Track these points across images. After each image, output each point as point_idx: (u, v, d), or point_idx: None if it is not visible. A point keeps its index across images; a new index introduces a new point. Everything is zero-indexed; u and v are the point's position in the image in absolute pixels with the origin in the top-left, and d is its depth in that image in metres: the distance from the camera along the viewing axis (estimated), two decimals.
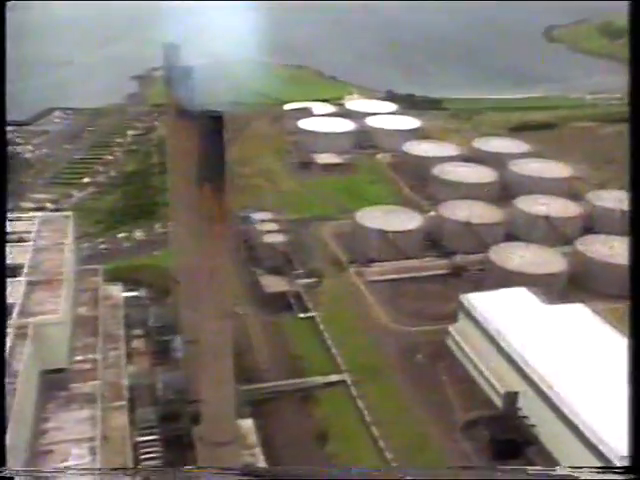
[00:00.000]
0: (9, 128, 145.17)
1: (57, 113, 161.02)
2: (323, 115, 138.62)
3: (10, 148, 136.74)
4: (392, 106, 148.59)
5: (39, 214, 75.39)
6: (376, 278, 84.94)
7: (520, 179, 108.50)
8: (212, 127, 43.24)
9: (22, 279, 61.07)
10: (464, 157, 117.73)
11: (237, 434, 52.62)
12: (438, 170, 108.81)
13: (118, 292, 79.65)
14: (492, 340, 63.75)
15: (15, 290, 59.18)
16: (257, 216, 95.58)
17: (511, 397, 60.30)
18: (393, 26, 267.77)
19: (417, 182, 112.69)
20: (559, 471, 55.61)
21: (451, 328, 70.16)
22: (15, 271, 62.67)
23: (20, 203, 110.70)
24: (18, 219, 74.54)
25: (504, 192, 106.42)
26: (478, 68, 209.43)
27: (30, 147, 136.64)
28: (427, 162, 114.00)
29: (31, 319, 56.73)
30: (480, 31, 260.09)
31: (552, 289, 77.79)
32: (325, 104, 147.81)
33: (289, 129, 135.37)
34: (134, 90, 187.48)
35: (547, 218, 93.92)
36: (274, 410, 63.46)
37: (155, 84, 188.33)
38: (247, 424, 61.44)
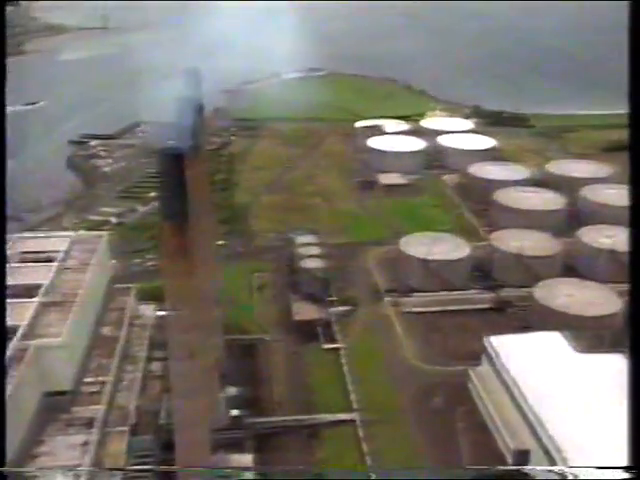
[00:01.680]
0: (95, 142, 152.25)
1: (142, 127, 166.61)
2: (395, 133, 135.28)
3: (91, 161, 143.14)
4: (469, 124, 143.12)
5: (71, 233, 77.54)
6: (412, 310, 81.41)
7: (591, 207, 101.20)
8: (171, 165, 42.12)
9: (35, 300, 63.00)
10: (533, 181, 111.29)
11: None
12: (499, 195, 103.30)
13: (149, 312, 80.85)
14: (508, 389, 59.09)
15: (25, 311, 61.16)
16: (303, 238, 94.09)
17: (521, 455, 55.50)
18: (495, 32, 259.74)
19: (481, 207, 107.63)
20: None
21: (471, 371, 65.72)
22: (32, 291, 64.76)
23: (89, 216, 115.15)
24: (48, 237, 77.23)
25: (572, 221, 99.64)
26: (582, 80, 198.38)
27: (110, 160, 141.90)
28: (492, 185, 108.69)
29: (33, 341, 58.38)
30: (589, 38, 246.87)
31: (601, 334, 71.77)
32: (399, 121, 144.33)
33: (359, 147, 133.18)
34: (222, 104, 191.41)
35: (611, 252, 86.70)
36: (275, 446, 61.73)
37: (244, 98, 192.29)
38: (246, 459, 60.39)
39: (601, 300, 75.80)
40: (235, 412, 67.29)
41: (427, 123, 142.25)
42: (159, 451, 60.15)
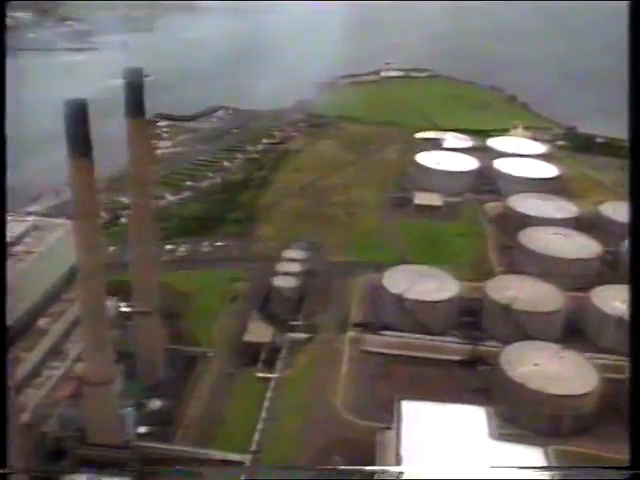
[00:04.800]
0: (163, 122, 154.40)
1: (220, 112, 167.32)
2: (451, 149, 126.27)
3: (152, 142, 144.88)
4: (543, 148, 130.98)
5: (33, 218, 77.68)
6: (372, 349, 74.86)
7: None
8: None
9: None
10: (578, 222, 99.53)
11: None
12: (525, 233, 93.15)
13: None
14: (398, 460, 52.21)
15: None
16: (293, 253, 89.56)
17: None
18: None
19: (510, 243, 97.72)
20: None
21: (378, 433, 58.95)
22: None
23: (120, 198, 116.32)
24: (13, 220, 77.65)
25: (600, 275, 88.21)
26: None
27: (168, 143, 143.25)
28: (527, 221, 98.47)
29: None
30: None
31: (559, 416, 62.72)
32: (464, 137, 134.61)
33: (409, 160, 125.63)
34: (310, 96, 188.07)
35: (620, 320, 75.36)
36: (155, 476, 58.60)
37: (332, 93, 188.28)
38: None
39: (573, 375, 65.77)
40: (143, 429, 65.28)
41: (493, 142, 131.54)
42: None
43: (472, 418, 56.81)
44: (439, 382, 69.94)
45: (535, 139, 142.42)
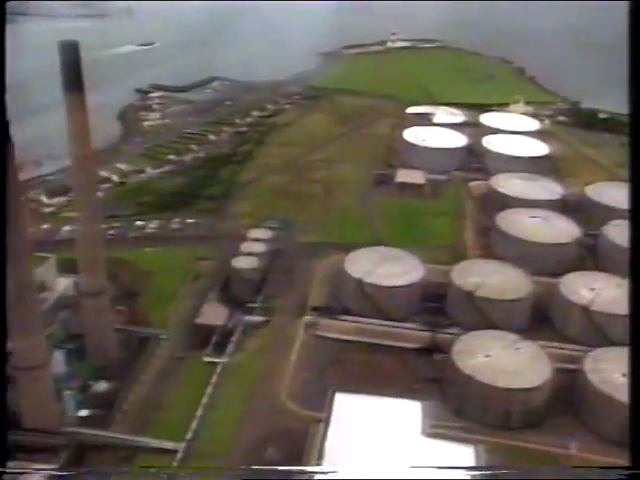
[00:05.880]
0: (156, 93, 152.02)
1: (215, 83, 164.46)
2: (440, 125, 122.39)
3: (140, 114, 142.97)
4: (537, 124, 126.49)
5: None
6: (326, 334, 72.82)
7: (607, 247, 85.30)
8: None
9: None
10: (560, 205, 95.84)
11: None
12: (502, 216, 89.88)
13: (60, 284, 78.89)
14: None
15: None
16: (258, 232, 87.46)
17: None
18: None
19: (490, 225, 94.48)
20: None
21: (311, 425, 57.17)
22: None
23: (101, 172, 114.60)
24: None
25: (578, 261, 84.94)
26: None
27: (158, 115, 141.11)
28: (508, 202, 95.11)
29: None
30: None
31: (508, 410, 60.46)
32: (455, 111, 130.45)
33: (397, 136, 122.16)
34: (311, 67, 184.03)
35: (586, 310, 72.37)
36: (87, 462, 57.59)
37: (332, 64, 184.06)
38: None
39: (526, 367, 63.10)
40: (84, 412, 64.32)
41: (486, 118, 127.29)
42: None
43: (407, 413, 54.68)
44: (391, 371, 67.81)
45: (535, 114, 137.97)
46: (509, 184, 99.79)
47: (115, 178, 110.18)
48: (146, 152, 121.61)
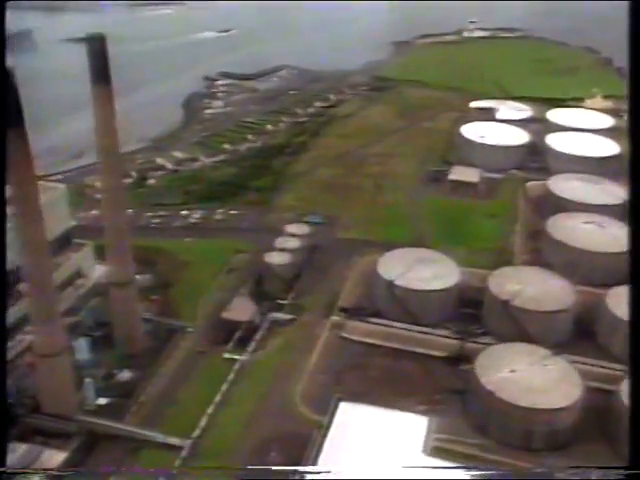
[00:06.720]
0: (222, 81, 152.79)
1: (283, 72, 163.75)
2: (504, 121, 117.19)
3: (203, 102, 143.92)
4: (610, 121, 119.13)
5: None
6: (351, 336, 70.92)
7: None
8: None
9: None
10: (621, 210, 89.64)
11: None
12: (554, 221, 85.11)
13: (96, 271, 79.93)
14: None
15: None
16: (294, 229, 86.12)
17: None
18: None
19: (541, 229, 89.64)
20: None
21: (314, 432, 55.61)
22: None
23: (156, 158, 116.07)
24: None
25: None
26: None
27: (221, 103, 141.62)
28: (563, 206, 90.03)
29: None
30: None
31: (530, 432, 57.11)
32: (523, 107, 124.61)
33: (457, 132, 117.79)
34: (382, 57, 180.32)
35: None
36: (94, 452, 58.24)
37: (404, 54, 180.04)
38: (57, 457, 57.96)
39: (552, 386, 59.25)
40: (102, 401, 65.16)
41: (553, 114, 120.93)
42: None
43: (410, 428, 52.29)
44: (414, 379, 65.32)
45: (614, 110, 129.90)
46: (567, 186, 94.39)
47: (169, 166, 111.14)
48: (203, 140, 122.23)
